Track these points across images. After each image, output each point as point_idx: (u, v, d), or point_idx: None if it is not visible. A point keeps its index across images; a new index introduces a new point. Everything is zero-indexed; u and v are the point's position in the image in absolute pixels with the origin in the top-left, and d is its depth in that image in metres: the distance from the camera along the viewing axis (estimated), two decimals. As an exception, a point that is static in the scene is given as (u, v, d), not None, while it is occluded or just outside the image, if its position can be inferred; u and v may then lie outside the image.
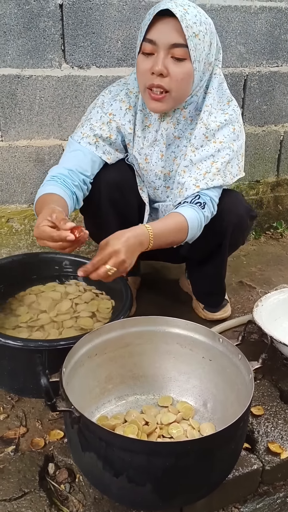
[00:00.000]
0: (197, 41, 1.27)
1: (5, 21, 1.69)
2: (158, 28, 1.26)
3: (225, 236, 1.52)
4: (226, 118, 1.41)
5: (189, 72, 1.29)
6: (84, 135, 1.43)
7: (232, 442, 0.98)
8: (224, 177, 1.42)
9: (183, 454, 0.91)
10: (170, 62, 1.28)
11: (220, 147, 1.40)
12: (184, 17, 1.24)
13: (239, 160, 1.46)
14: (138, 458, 0.91)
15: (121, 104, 1.43)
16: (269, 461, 1.19)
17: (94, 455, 0.95)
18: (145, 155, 1.47)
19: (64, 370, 1.05)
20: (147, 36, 1.27)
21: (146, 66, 1.30)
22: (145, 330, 1.27)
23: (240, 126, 1.45)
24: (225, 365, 1.19)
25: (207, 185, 1.39)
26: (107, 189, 1.47)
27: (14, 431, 1.24)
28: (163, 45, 1.26)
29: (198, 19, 1.26)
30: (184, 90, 1.33)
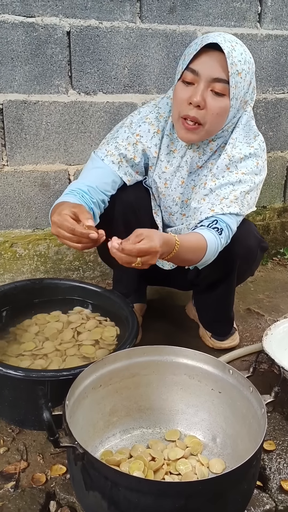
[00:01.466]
0: (239, 79, 1.27)
1: (13, 47, 1.70)
2: (203, 60, 1.26)
3: (233, 266, 1.49)
4: (251, 152, 1.39)
5: (226, 108, 1.30)
6: (109, 153, 1.41)
7: (244, 481, 0.92)
8: (241, 206, 1.38)
9: (193, 495, 0.86)
10: (209, 95, 1.28)
11: (242, 178, 1.38)
12: (231, 54, 1.24)
13: (257, 194, 1.45)
14: (145, 499, 0.86)
15: (149, 127, 1.43)
16: (282, 500, 1.13)
17: (98, 495, 0.90)
18: (166, 179, 1.46)
19: (68, 402, 1.01)
20: (190, 65, 1.28)
21: (184, 95, 1.30)
22: (152, 360, 1.23)
23: (264, 162, 1.44)
24: (235, 398, 1.15)
25: (222, 210, 1.35)
26: (122, 209, 1.45)
27: (14, 466, 1.18)
28: (205, 78, 1.27)
29: (243, 58, 1.27)
30: (218, 124, 1.33)
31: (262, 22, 2.05)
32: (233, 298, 1.64)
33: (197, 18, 1.92)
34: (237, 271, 1.52)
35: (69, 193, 1.35)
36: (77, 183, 1.39)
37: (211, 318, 1.69)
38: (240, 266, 1.51)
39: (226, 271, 1.51)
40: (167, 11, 1.87)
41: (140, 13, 1.83)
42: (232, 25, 1.99)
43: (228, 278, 1.53)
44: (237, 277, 1.55)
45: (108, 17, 1.79)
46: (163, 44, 1.89)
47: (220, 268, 1.47)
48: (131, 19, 1.82)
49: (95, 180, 1.39)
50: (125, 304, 1.45)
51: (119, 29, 1.81)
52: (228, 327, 1.71)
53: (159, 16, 1.86)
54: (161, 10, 1.86)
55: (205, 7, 1.92)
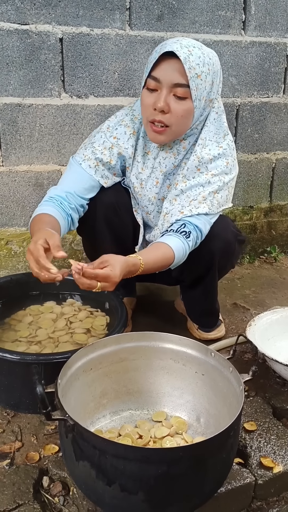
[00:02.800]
0: (199, 81, 1.33)
1: (8, 53, 1.78)
2: (162, 67, 1.32)
3: (212, 260, 1.56)
4: (220, 152, 1.46)
5: (189, 109, 1.36)
6: (86, 157, 1.48)
7: (223, 450, 1.00)
8: (210, 206, 1.45)
9: (175, 461, 0.93)
10: (172, 100, 1.34)
11: (211, 179, 1.45)
12: (188, 59, 1.30)
13: (229, 192, 1.50)
14: (130, 465, 0.93)
15: (125, 129, 1.50)
16: (262, 475, 1.20)
17: (88, 464, 0.97)
18: (141, 180, 1.53)
19: (60, 381, 1.08)
20: (152, 73, 1.34)
21: (149, 101, 1.36)
22: (139, 345, 1.30)
23: (234, 160, 1.50)
24: (217, 379, 1.22)
25: (191, 212, 1.43)
26: (103, 210, 1.53)
27: (9, 446, 1.25)
28: (166, 84, 1.33)
29: (201, 60, 1.32)
30: (184, 125, 1.40)
31: (247, 30, 2.15)
32: (217, 291, 1.71)
33: (184, 25, 2.01)
34: (218, 265, 1.58)
35: (48, 200, 1.43)
36: (55, 190, 1.46)
37: (198, 311, 1.77)
38: (220, 260, 1.57)
39: (207, 266, 1.58)
40: (155, 19, 1.96)
41: (130, 21, 1.92)
42: (217, 32, 2.08)
43: (209, 272, 1.60)
44: (218, 271, 1.62)
45: (99, 25, 1.88)
46: (151, 50, 1.98)
47: (201, 264, 1.55)
48: (121, 26, 1.91)
49: (73, 185, 1.47)
50: (114, 296, 1.53)
51: (110, 36, 1.90)
52: (214, 319, 1.78)
53: (148, 24, 1.95)
54: (150, 18, 1.95)
55: (192, 15, 2.01)
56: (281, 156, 2.44)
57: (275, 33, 2.21)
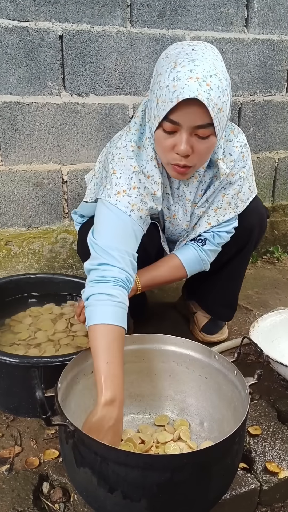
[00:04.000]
0: (221, 115, 1.18)
1: (7, 50, 1.75)
2: (182, 111, 1.14)
3: (251, 235, 1.56)
4: (237, 155, 1.38)
5: (213, 144, 1.23)
6: (135, 207, 1.26)
7: (228, 457, 0.97)
8: (235, 208, 1.45)
9: (178, 468, 0.90)
10: (194, 141, 1.19)
11: (232, 180, 1.40)
12: (210, 98, 1.12)
13: (249, 183, 1.47)
14: (133, 472, 0.90)
15: (154, 163, 1.31)
16: (267, 480, 1.17)
17: (89, 471, 0.94)
18: (174, 211, 1.46)
19: (60, 385, 1.05)
20: (170, 116, 1.16)
21: (169, 144, 1.20)
22: (141, 348, 1.28)
23: (247, 149, 1.42)
24: (221, 382, 1.19)
25: (218, 222, 1.44)
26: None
27: (8, 450, 1.22)
28: (187, 126, 1.16)
29: (221, 90, 1.15)
30: (206, 159, 1.30)
31: (249, 27, 2.12)
32: (243, 277, 1.71)
33: (186, 22, 1.98)
34: (255, 239, 1.59)
35: (116, 302, 1.14)
36: (109, 265, 1.18)
37: (217, 299, 1.72)
38: (257, 235, 1.58)
39: (243, 242, 1.57)
40: (156, 16, 1.93)
41: (131, 18, 1.90)
42: (219, 30, 2.06)
43: (244, 249, 1.59)
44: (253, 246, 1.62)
45: (99, 22, 1.85)
46: (153, 47, 1.95)
47: (238, 241, 1.54)
48: (121, 23, 1.88)
49: (127, 244, 1.23)
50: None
51: (110, 33, 1.88)
52: (230, 312, 1.76)
53: (149, 21, 1.92)
54: (151, 15, 1.92)
55: (194, 12, 1.98)
56: (284, 155, 2.42)
57: (278, 31, 2.18)
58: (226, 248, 1.53)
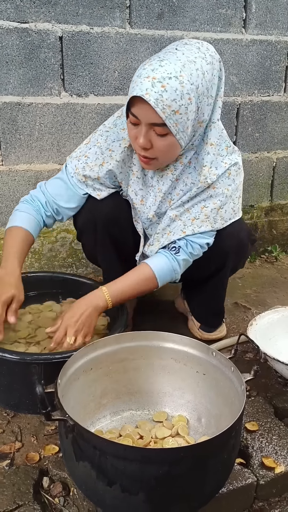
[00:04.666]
0: (178, 117, 1.23)
1: (7, 51, 1.77)
2: (137, 106, 1.24)
3: (226, 260, 1.56)
4: (223, 171, 1.41)
5: (172, 144, 1.29)
6: (77, 171, 1.47)
7: (224, 451, 0.99)
8: (213, 223, 1.45)
9: (176, 461, 0.92)
10: (153, 136, 1.27)
11: (213, 193, 1.42)
12: (160, 99, 1.19)
13: (234, 204, 1.47)
14: (131, 466, 0.92)
15: (121, 142, 1.45)
16: (264, 475, 1.19)
17: (88, 464, 0.96)
18: (142, 197, 1.50)
19: (60, 381, 1.07)
20: (131, 109, 1.26)
21: (133, 134, 1.31)
22: (140, 345, 1.29)
23: (238, 170, 1.45)
24: (218, 378, 1.21)
25: (193, 231, 1.44)
26: (103, 222, 1.52)
27: (9, 446, 1.24)
28: (144, 122, 1.25)
29: (179, 93, 1.20)
30: (171, 156, 1.35)
31: (247, 28, 2.14)
32: (225, 291, 1.71)
33: (184, 23, 2.00)
34: (231, 264, 1.59)
35: (28, 202, 1.50)
36: (39, 192, 1.51)
37: (203, 311, 1.76)
38: (234, 260, 1.58)
39: (219, 265, 1.58)
40: (155, 17, 1.95)
41: (130, 19, 1.92)
42: (218, 31, 2.08)
43: (221, 271, 1.60)
44: (230, 270, 1.62)
45: (98, 23, 1.87)
46: (151, 48, 1.97)
47: (214, 263, 1.55)
48: (121, 24, 1.90)
49: (58, 193, 1.50)
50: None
51: (110, 34, 1.89)
52: (218, 319, 1.78)
53: (148, 22, 1.94)
54: (150, 16, 1.94)
55: (192, 14, 2.00)
56: (282, 155, 2.44)
57: (276, 31, 2.20)
58: (204, 268, 1.55)
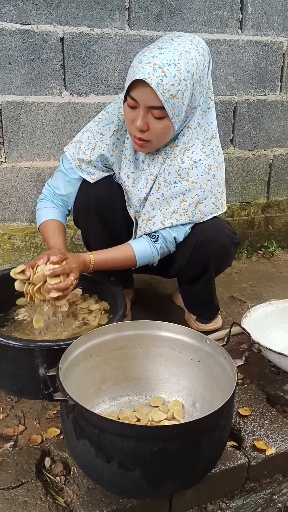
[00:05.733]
0: (175, 101, 1.33)
1: (10, 52, 1.83)
2: (138, 89, 1.32)
3: (209, 263, 1.61)
4: (201, 158, 1.47)
5: (168, 126, 1.38)
6: (73, 156, 1.58)
7: (216, 430, 1.05)
8: (192, 217, 1.52)
9: (169, 438, 0.98)
10: (150, 119, 1.36)
11: (191, 187, 1.48)
12: (161, 83, 1.29)
13: (216, 199, 1.53)
14: (128, 442, 0.98)
15: (110, 125, 1.55)
16: (255, 457, 1.25)
17: (87, 442, 1.02)
18: (134, 179, 1.56)
19: (61, 366, 1.13)
20: (130, 93, 1.35)
21: (130, 117, 1.39)
22: (138, 333, 1.35)
23: (218, 166, 1.51)
24: (212, 365, 1.27)
25: (171, 224, 1.52)
26: (95, 204, 1.60)
27: (13, 429, 1.30)
28: (143, 105, 1.34)
29: (177, 79, 1.30)
30: (164, 139, 1.43)
31: (244, 29, 2.19)
32: (214, 288, 1.76)
33: (182, 25, 2.06)
34: (214, 267, 1.64)
35: (43, 199, 1.68)
36: (47, 188, 1.67)
37: (197, 305, 1.82)
38: (216, 263, 1.63)
39: (203, 268, 1.63)
40: (153, 18, 2.01)
41: (129, 21, 1.97)
42: (215, 32, 2.13)
43: (206, 273, 1.65)
44: (215, 271, 1.67)
45: (99, 24, 1.93)
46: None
47: (197, 265, 1.61)
48: (120, 26, 1.96)
49: (58, 184, 1.64)
50: (114, 286, 1.58)
51: (109, 35, 1.95)
52: (212, 312, 1.83)
53: (147, 23, 2.00)
54: (148, 18, 2.00)
55: (189, 15, 2.06)
56: (278, 152, 2.49)
57: (272, 32, 2.25)
58: (188, 272, 1.64)
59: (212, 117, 1.50)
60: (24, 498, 1.10)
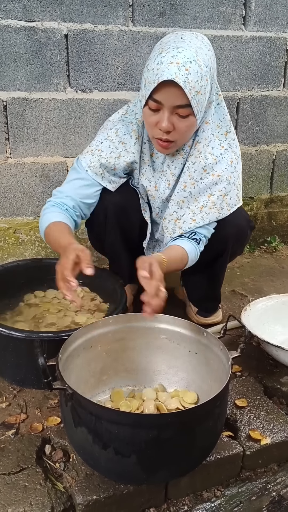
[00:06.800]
0: (200, 97, 1.34)
1: (15, 49, 1.86)
2: (163, 91, 1.32)
3: (226, 246, 1.64)
4: (222, 152, 1.50)
5: (193, 124, 1.39)
6: (92, 164, 1.53)
7: (210, 418, 1.08)
8: (220, 210, 1.54)
9: (164, 426, 1.01)
10: (175, 119, 1.36)
11: (218, 180, 1.51)
12: (187, 81, 1.29)
13: (238, 190, 1.57)
14: (123, 430, 1.01)
15: (132, 134, 1.53)
16: (250, 446, 1.28)
17: (85, 430, 1.06)
18: (155, 182, 1.58)
19: (61, 356, 1.16)
20: (153, 95, 1.33)
21: (153, 120, 1.38)
22: (137, 326, 1.38)
23: (237, 158, 1.55)
24: (208, 356, 1.30)
25: (203, 220, 1.53)
26: (113, 212, 1.60)
27: (15, 417, 1.34)
28: (168, 106, 1.34)
29: (199, 75, 1.31)
30: (187, 137, 1.45)
31: (247, 25, 2.20)
32: (223, 277, 1.79)
33: (186, 21, 2.08)
34: (232, 249, 1.66)
35: (55, 205, 1.53)
36: (61, 195, 1.55)
37: (201, 295, 1.84)
38: (234, 246, 1.66)
39: (219, 251, 1.65)
40: (157, 15, 2.03)
41: (132, 17, 1.99)
42: (218, 28, 2.15)
43: (221, 258, 1.68)
44: (230, 254, 1.70)
45: (102, 21, 1.95)
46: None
47: (214, 248, 1.63)
48: (123, 22, 1.98)
49: (79, 192, 1.55)
50: (114, 280, 1.62)
51: (113, 32, 1.97)
52: (215, 304, 1.86)
53: (150, 20, 2.02)
54: (152, 14, 2.02)
55: (193, 11, 2.07)
56: (281, 148, 2.50)
57: (275, 28, 2.26)
58: (205, 254, 1.61)
59: (223, 112, 1.52)
60: (24, 483, 1.13)
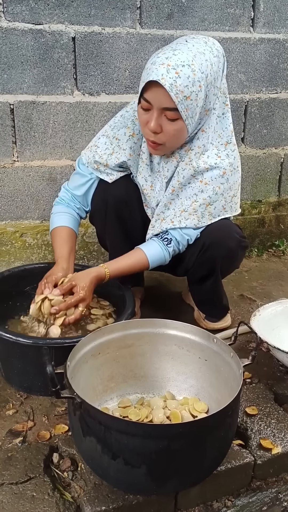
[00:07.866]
0: (189, 102, 1.32)
1: (22, 52, 1.85)
2: (152, 91, 1.33)
3: (215, 266, 1.62)
4: (217, 162, 1.48)
5: (181, 129, 1.38)
6: (89, 160, 1.60)
7: (221, 428, 1.06)
8: (200, 218, 1.52)
9: (174, 437, 0.99)
10: (164, 120, 1.36)
11: (204, 188, 1.49)
12: (174, 85, 1.28)
13: (226, 202, 1.54)
14: (133, 440, 0.99)
15: (125, 130, 1.55)
16: (261, 455, 1.26)
17: (94, 439, 1.04)
18: (151, 182, 1.57)
19: (69, 363, 1.15)
20: (144, 94, 1.35)
21: (144, 119, 1.40)
22: (146, 332, 1.36)
23: (233, 170, 1.51)
24: (219, 364, 1.27)
25: (180, 223, 1.52)
26: (114, 204, 1.60)
27: (22, 425, 1.33)
28: (156, 107, 1.34)
29: (191, 80, 1.30)
30: (178, 141, 1.43)
31: (255, 27, 2.19)
32: (222, 289, 1.77)
33: (194, 23, 2.06)
34: (221, 269, 1.64)
35: (60, 203, 1.67)
36: (64, 191, 1.68)
37: (206, 304, 1.82)
38: (222, 265, 1.63)
39: (209, 269, 1.64)
40: (165, 17, 2.01)
41: (140, 20, 1.98)
42: (226, 30, 2.13)
43: (212, 275, 1.66)
44: (221, 273, 1.67)
45: (110, 24, 1.94)
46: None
47: (204, 266, 1.62)
48: (131, 25, 1.97)
49: (80, 186, 1.64)
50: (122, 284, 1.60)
51: (121, 35, 1.96)
52: (222, 311, 1.84)
53: (158, 22, 2.01)
54: (160, 17, 2.00)
55: (201, 13, 2.06)
56: (290, 151, 2.48)
57: (284, 30, 2.24)
58: (195, 273, 1.66)
59: (227, 122, 1.50)
60: (32, 493, 1.12)
